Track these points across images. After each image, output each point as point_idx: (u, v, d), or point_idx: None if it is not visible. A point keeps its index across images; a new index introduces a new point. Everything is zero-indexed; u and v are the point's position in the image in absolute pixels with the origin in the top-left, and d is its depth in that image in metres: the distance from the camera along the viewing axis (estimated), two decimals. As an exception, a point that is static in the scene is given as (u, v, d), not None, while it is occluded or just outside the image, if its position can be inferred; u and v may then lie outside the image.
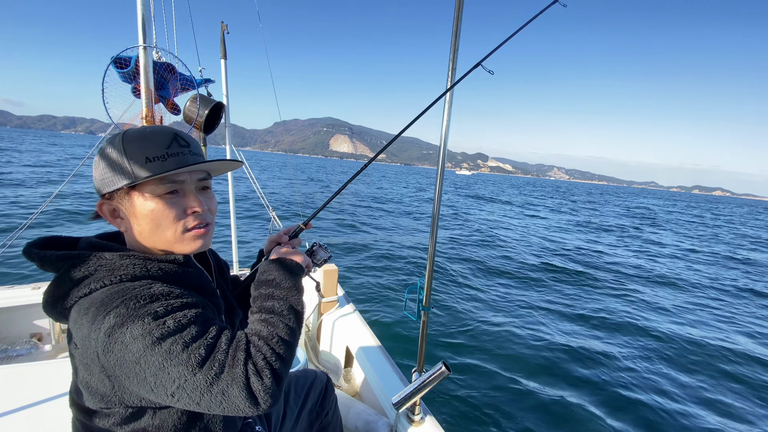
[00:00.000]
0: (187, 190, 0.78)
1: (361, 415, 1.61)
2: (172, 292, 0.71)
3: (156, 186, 0.74)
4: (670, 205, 49.24)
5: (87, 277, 0.71)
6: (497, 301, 5.61)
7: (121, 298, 0.66)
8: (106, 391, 0.69)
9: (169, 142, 0.75)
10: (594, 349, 4.37)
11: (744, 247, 14.85)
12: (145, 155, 0.72)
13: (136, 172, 0.72)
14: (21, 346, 2.24)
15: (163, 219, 0.75)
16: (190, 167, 0.75)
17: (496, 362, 3.88)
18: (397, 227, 11.36)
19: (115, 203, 0.76)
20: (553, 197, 36.89)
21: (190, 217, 0.78)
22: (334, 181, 30.87)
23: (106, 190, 0.75)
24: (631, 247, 12.02)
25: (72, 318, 0.70)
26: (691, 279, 8.31)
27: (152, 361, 0.62)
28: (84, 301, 0.69)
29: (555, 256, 9.04)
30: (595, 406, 3.33)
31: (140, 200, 0.74)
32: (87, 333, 0.65)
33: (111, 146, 0.74)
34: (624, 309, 5.81)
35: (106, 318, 0.64)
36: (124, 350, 0.63)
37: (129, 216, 0.76)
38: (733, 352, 4.61)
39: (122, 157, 0.72)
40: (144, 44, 1.85)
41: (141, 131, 0.75)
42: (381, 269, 6.95)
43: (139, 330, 0.63)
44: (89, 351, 0.66)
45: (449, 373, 1.25)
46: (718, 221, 28.36)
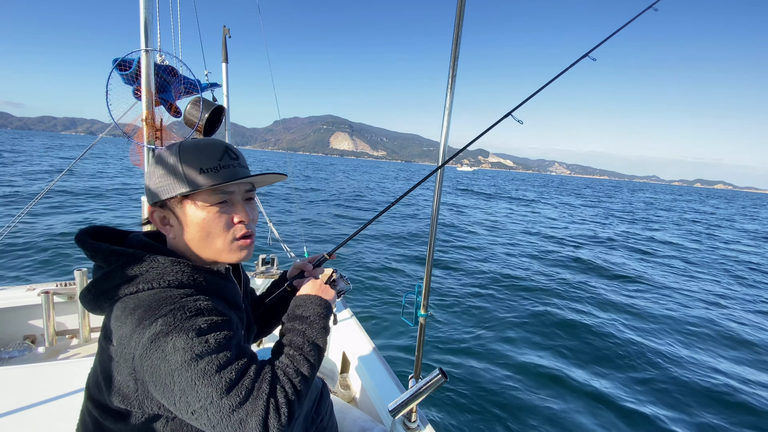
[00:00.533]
0: (235, 201, 0.82)
1: (357, 421, 1.60)
2: (215, 308, 0.73)
3: (208, 196, 0.78)
4: (717, 206, 43.71)
5: (137, 276, 0.73)
6: (501, 310, 5.60)
7: (170, 306, 0.68)
8: (128, 392, 0.70)
9: (221, 155, 0.79)
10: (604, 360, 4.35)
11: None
12: (200, 166, 0.76)
13: (191, 181, 0.76)
14: (14, 348, 2.22)
15: (213, 228, 0.79)
16: (241, 180, 0.79)
17: (493, 369, 3.86)
18: (396, 230, 11.35)
19: (166, 211, 0.80)
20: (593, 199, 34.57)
21: (238, 227, 0.82)
22: (333, 180, 30.94)
23: (160, 198, 0.78)
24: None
25: (114, 314, 0.71)
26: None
27: (186, 376, 0.63)
28: (130, 300, 0.71)
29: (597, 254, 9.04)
30: (600, 415, 3.31)
31: (192, 209, 0.78)
32: (129, 333, 0.67)
33: (167, 156, 0.78)
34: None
35: (153, 324, 0.65)
36: (162, 359, 0.64)
37: (180, 224, 0.79)
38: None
39: (178, 168, 0.76)
40: (146, 47, 1.87)
41: (196, 143, 0.79)
42: (379, 274, 6.93)
43: (181, 343, 0.64)
44: (126, 351, 0.67)
45: (446, 380, 1.24)
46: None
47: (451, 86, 1.17)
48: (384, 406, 1.57)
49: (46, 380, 1.59)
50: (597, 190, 61.72)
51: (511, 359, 4.13)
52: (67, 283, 2.39)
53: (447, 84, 1.18)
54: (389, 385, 1.72)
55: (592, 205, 27.77)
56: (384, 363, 1.90)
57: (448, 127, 1.23)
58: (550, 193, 34.96)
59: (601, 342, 4.82)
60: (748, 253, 12.62)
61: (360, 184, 26.79)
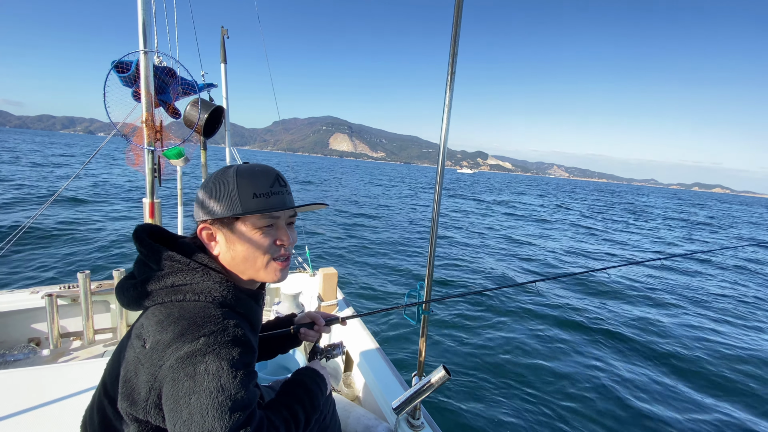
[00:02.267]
0: (280, 225, 0.87)
1: (361, 419, 1.60)
2: (249, 341, 0.75)
3: (257, 219, 0.82)
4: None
5: (186, 285, 0.76)
6: (502, 307, 5.60)
7: (213, 326, 0.70)
8: (137, 398, 0.70)
9: (272, 182, 0.84)
10: (605, 360, 4.35)
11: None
12: (253, 191, 0.81)
13: (244, 204, 0.80)
14: (19, 351, 2.23)
15: (257, 248, 0.83)
16: (290, 209, 0.85)
17: (497, 366, 3.87)
18: (398, 229, 11.35)
19: (215, 229, 0.83)
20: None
21: (279, 249, 0.86)
22: (332, 180, 30.84)
23: (211, 216, 0.81)
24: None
25: (155, 318, 0.72)
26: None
27: (202, 402, 0.63)
28: (175, 307, 0.73)
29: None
30: (604, 415, 3.31)
31: (241, 229, 0.82)
32: (168, 341, 0.68)
33: (224, 178, 0.82)
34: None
35: (195, 341, 0.67)
36: (189, 377, 0.65)
37: (227, 242, 0.83)
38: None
39: (234, 190, 0.80)
40: (144, 49, 1.86)
41: (251, 169, 0.84)
42: (381, 272, 6.94)
43: (214, 369, 0.66)
44: (157, 356, 0.68)
45: (450, 377, 1.24)
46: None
47: (451, 83, 1.17)
48: (388, 403, 1.58)
49: (51, 382, 1.59)
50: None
51: (516, 356, 4.13)
52: (70, 286, 2.40)
53: (446, 81, 1.18)
54: (393, 383, 1.73)
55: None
56: (387, 361, 1.90)
57: (447, 123, 1.23)
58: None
59: (607, 339, 4.82)
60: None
61: (375, 192, 25.62)
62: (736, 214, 37.11)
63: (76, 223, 8.49)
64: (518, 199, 30.33)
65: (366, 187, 29.16)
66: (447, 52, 1.16)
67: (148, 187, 1.99)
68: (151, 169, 1.97)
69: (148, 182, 1.98)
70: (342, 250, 8.41)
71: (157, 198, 2.04)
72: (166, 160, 2.12)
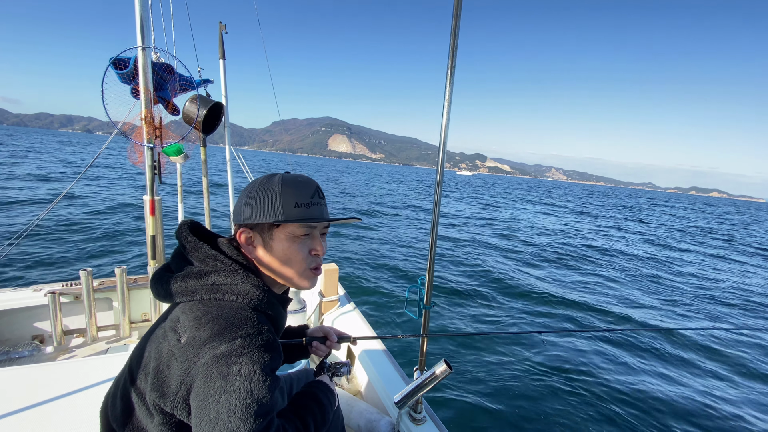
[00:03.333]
0: (315, 235, 0.89)
1: (363, 413, 1.61)
2: (279, 347, 0.77)
3: (296, 228, 0.84)
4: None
5: (226, 284, 0.78)
6: (501, 302, 5.61)
7: (250, 328, 0.72)
8: (167, 391, 0.71)
9: (313, 193, 0.86)
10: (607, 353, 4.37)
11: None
12: (295, 200, 0.83)
13: (286, 213, 0.82)
14: (23, 348, 2.24)
15: (293, 255, 0.86)
16: (327, 221, 0.87)
17: (499, 360, 3.89)
18: (399, 225, 11.36)
19: (255, 233, 0.85)
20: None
21: (313, 258, 0.89)
22: (334, 178, 30.80)
23: (252, 220, 0.83)
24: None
25: (194, 313, 0.74)
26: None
27: (231, 403, 0.65)
28: (213, 306, 0.75)
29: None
30: (604, 409, 3.33)
31: (280, 236, 0.84)
32: (205, 338, 0.69)
33: (269, 185, 0.84)
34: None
35: (232, 341, 0.69)
36: (222, 377, 0.66)
37: (264, 247, 0.85)
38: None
39: (278, 198, 0.82)
40: (142, 45, 1.85)
41: (295, 179, 0.86)
42: (382, 268, 6.95)
43: (247, 372, 0.67)
44: (192, 351, 0.69)
45: (451, 371, 1.25)
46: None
47: (451, 77, 1.16)
48: (390, 398, 1.59)
49: (55, 379, 1.60)
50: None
51: (516, 350, 4.15)
52: (72, 283, 2.41)
53: (446, 75, 1.17)
54: (395, 378, 1.74)
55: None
56: (389, 355, 1.91)
57: (448, 118, 1.22)
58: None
59: (608, 336, 4.83)
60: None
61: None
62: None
63: (76, 220, 8.51)
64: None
65: (374, 187, 29.15)
66: (446, 53, 1.15)
67: (149, 184, 1.99)
68: (150, 166, 1.97)
69: (148, 179, 1.98)
70: (343, 247, 8.42)
71: (158, 195, 2.04)
72: (166, 157, 2.12)
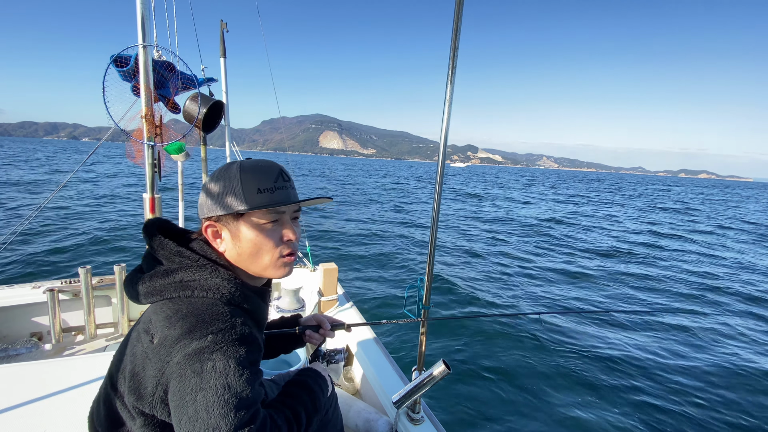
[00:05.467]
0: (285, 220, 0.86)
1: (361, 413, 1.62)
2: (256, 339, 0.75)
3: (263, 215, 0.81)
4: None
5: (196, 281, 0.76)
6: (501, 299, 5.62)
7: (222, 323, 0.70)
8: (144, 393, 0.70)
9: (276, 177, 0.82)
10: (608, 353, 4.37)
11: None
12: (257, 186, 0.79)
13: (249, 200, 0.79)
14: (21, 345, 2.24)
15: (264, 244, 0.82)
16: (294, 203, 0.84)
17: (497, 360, 3.89)
18: (398, 224, 11.36)
19: (220, 226, 0.82)
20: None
21: (285, 245, 0.86)
22: (331, 179, 30.82)
23: (216, 213, 0.80)
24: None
25: (164, 313, 0.72)
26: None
27: (209, 399, 0.63)
28: (183, 303, 0.73)
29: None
30: (602, 410, 3.33)
31: (246, 225, 0.81)
32: (176, 337, 0.68)
33: (227, 174, 0.80)
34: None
35: (203, 338, 0.67)
36: (197, 374, 0.65)
37: (232, 239, 0.82)
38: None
39: (238, 186, 0.79)
40: (143, 43, 1.85)
41: (255, 164, 0.82)
42: (381, 267, 6.95)
43: (221, 367, 0.65)
44: (164, 351, 0.68)
45: (450, 371, 1.25)
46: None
47: (451, 78, 1.16)
48: (388, 398, 1.59)
49: (54, 376, 1.60)
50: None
51: (516, 350, 4.15)
52: (71, 281, 2.41)
53: (447, 76, 1.17)
54: (393, 378, 1.74)
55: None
56: (387, 355, 1.91)
57: (448, 119, 1.22)
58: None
59: (609, 334, 4.84)
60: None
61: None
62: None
63: (74, 217, 8.50)
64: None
65: (374, 182, 29.14)
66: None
67: (149, 183, 1.99)
68: (151, 164, 1.97)
69: (149, 177, 1.98)
70: (342, 245, 8.42)
71: (158, 193, 2.04)
72: (166, 155, 2.12)
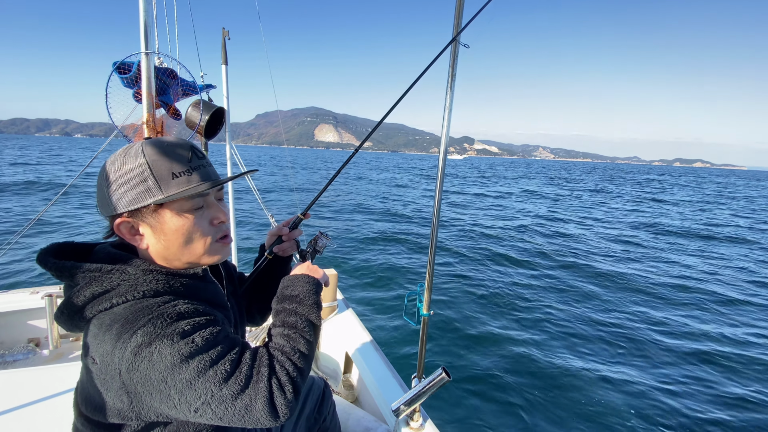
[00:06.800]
0: (211, 202, 0.79)
1: (360, 421, 1.60)
2: (197, 309, 0.71)
3: (185, 201, 0.73)
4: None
5: (108, 291, 0.69)
6: (501, 307, 5.59)
7: (147, 316, 0.66)
8: (122, 407, 0.68)
9: (189, 156, 0.74)
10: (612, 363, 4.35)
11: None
12: (171, 171, 0.71)
13: (164, 188, 0.71)
14: (18, 351, 2.23)
15: (193, 233, 0.75)
16: (220, 182, 0.76)
17: (498, 368, 3.86)
18: (399, 230, 11.35)
19: (136, 221, 0.74)
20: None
21: (217, 228, 0.80)
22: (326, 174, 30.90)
23: (129, 207, 0.71)
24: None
25: (92, 333, 0.68)
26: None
27: (180, 378, 0.63)
28: (105, 316, 0.68)
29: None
30: (604, 415, 3.30)
31: (169, 216, 0.73)
32: (110, 350, 0.64)
33: (130, 162, 0.71)
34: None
35: (132, 337, 0.64)
36: (150, 368, 0.63)
37: (154, 233, 0.74)
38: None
39: (148, 174, 0.70)
40: (146, 50, 1.86)
41: (159, 144, 0.73)
42: (381, 274, 6.93)
43: (167, 349, 0.63)
44: (110, 368, 0.65)
45: (449, 379, 1.24)
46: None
47: (451, 85, 1.17)
48: (387, 405, 1.57)
49: (51, 382, 1.59)
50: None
51: (516, 357, 4.13)
52: (70, 286, 2.40)
53: (447, 83, 1.18)
54: (392, 385, 1.73)
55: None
56: (387, 363, 1.90)
57: (448, 125, 1.23)
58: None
59: (610, 335, 4.81)
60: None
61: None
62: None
63: (75, 220, 8.50)
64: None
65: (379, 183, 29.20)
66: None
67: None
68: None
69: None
70: (343, 250, 8.41)
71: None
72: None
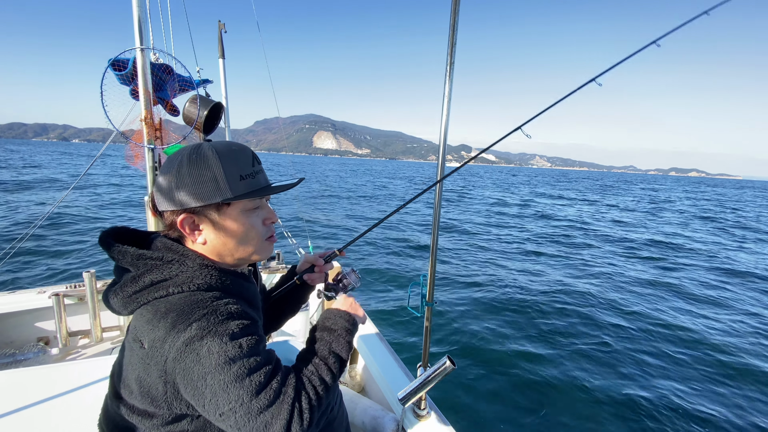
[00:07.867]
0: (264, 204, 0.87)
1: (367, 410, 1.62)
2: (245, 312, 0.74)
3: (248, 201, 0.80)
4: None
5: (167, 280, 0.74)
6: (502, 295, 5.61)
7: (202, 309, 0.69)
8: (156, 395, 0.71)
9: (252, 161, 0.81)
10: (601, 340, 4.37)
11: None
12: (239, 173, 0.78)
13: (233, 188, 0.77)
14: (28, 350, 2.26)
15: (249, 231, 0.82)
16: (281, 189, 0.83)
17: (503, 356, 3.90)
18: (402, 221, 11.36)
19: (198, 218, 0.78)
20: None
21: (269, 228, 0.87)
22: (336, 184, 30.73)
23: (199, 203, 0.76)
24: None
25: (145, 317, 0.71)
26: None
27: (219, 379, 0.65)
28: (161, 304, 0.71)
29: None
30: (605, 403, 3.34)
31: (232, 214, 0.79)
32: (162, 336, 0.67)
33: (203, 160, 0.76)
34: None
35: (188, 328, 0.67)
36: (196, 362, 0.65)
37: (215, 229, 0.79)
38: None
39: (220, 174, 0.76)
40: (141, 46, 1.84)
41: (228, 148, 0.79)
42: (385, 264, 6.95)
43: (216, 347, 0.66)
44: (158, 353, 0.68)
45: (454, 367, 1.25)
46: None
47: (450, 74, 1.15)
48: (393, 394, 1.59)
49: (61, 380, 1.61)
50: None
51: (519, 346, 4.16)
52: (76, 285, 2.42)
53: (445, 71, 1.16)
54: (398, 374, 1.74)
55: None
56: (392, 352, 1.91)
57: (447, 115, 1.21)
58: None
59: (606, 328, 4.84)
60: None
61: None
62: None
63: (79, 221, 8.53)
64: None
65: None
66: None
67: (150, 186, 1.99)
68: (152, 167, 1.97)
69: (150, 180, 1.99)
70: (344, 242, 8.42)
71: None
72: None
